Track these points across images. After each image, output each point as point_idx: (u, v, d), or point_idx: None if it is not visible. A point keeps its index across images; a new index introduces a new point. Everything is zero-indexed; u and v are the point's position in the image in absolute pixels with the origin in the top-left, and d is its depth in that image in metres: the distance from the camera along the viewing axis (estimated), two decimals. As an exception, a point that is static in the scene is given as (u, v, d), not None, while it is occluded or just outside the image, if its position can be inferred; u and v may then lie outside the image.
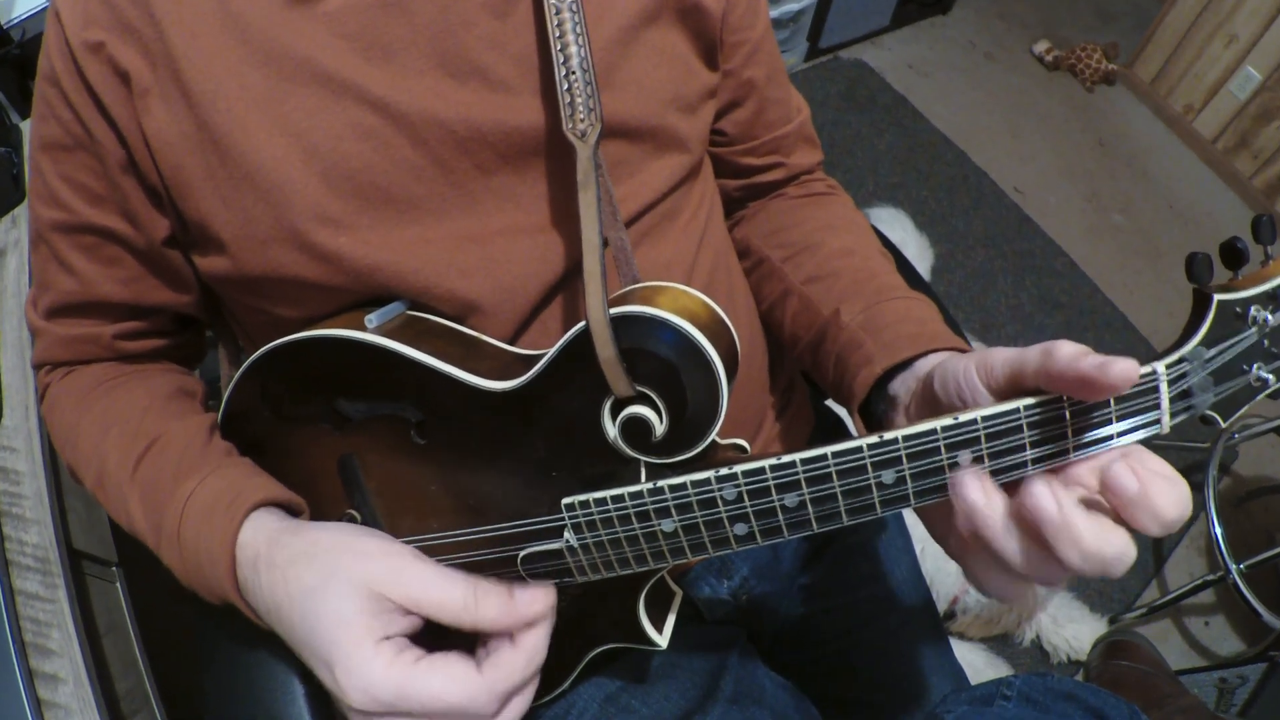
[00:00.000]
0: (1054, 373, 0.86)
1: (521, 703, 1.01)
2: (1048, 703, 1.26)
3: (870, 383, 1.22)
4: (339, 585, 0.98)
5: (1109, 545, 0.85)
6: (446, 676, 0.94)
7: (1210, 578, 3.18)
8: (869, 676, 1.63)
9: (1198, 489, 3.36)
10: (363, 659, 0.93)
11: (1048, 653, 3.32)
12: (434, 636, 1.01)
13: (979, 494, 0.89)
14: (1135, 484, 0.84)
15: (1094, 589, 3.49)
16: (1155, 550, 3.66)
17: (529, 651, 0.99)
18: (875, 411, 1.25)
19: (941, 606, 3.07)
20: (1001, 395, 0.96)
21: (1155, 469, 0.86)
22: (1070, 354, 0.85)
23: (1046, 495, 0.86)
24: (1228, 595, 3.52)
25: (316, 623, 0.97)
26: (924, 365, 1.17)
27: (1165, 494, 0.84)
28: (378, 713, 0.93)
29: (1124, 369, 0.82)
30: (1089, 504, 0.88)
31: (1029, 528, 0.88)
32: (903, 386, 1.19)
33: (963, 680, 1.67)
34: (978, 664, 3.15)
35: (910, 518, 1.79)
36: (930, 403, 1.08)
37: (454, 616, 0.97)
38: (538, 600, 1.01)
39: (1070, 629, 3.29)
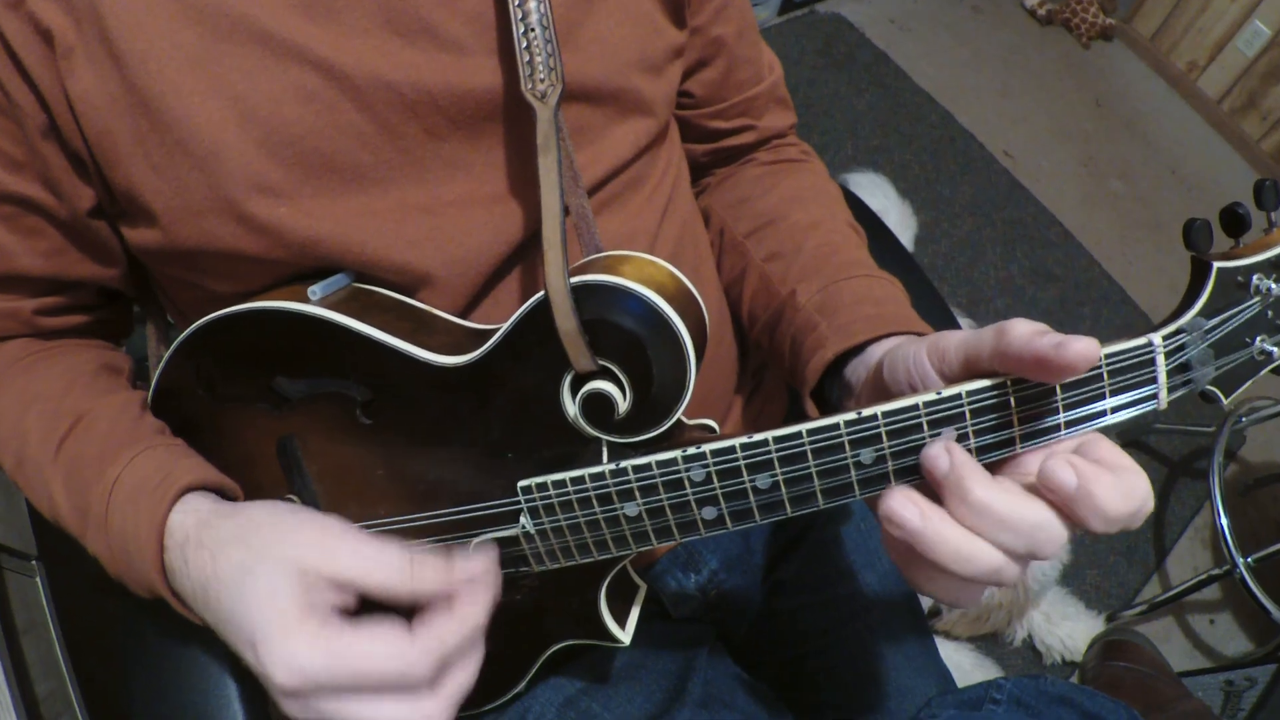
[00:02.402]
0: (1009, 354, 0.87)
1: (462, 677, 0.99)
2: (1040, 707, 1.27)
3: (822, 368, 1.23)
4: (268, 564, 0.98)
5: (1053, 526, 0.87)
6: (374, 639, 0.93)
7: (1215, 572, 3.19)
8: (848, 678, 1.64)
9: (1202, 476, 3.38)
10: (286, 633, 0.93)
11: (1040, 653, 3.34)
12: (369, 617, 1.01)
13: (914, 513, 0.89)
14: (1072, 480, 0.84)
15: (1090, 584, 3.50)
16: (1156, 543, 3.67)
17: (465, 617, 0.98)
18: (830, 399, 1.27)
19: (926, 603, 3.05)
20: (955, 382, 0.96)
21: (1107, 460, 0.87)
22: (1025, 333, 0.86)
23: (907, 505, 0.88)
24: (1234, 591, 3.54)
25: (242, 601, 0.97)
26: (876, 351, 1.18)
27: (1105, 491, 0.85)
28: (307, 691, 0.93)
29: (1082, 349, 0.82)
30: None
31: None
32: (854, 374, 1.20)
33: (949, 682, 1.68)
34: (965, 665, 3.15)
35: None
36: (881, 392, 1.09)
37: (390, 587, 0.97)
38: (479, 562, 1.00)
39: (1065, 627, 3.30)
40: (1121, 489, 0.85)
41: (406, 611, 0.97)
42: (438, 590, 0.97)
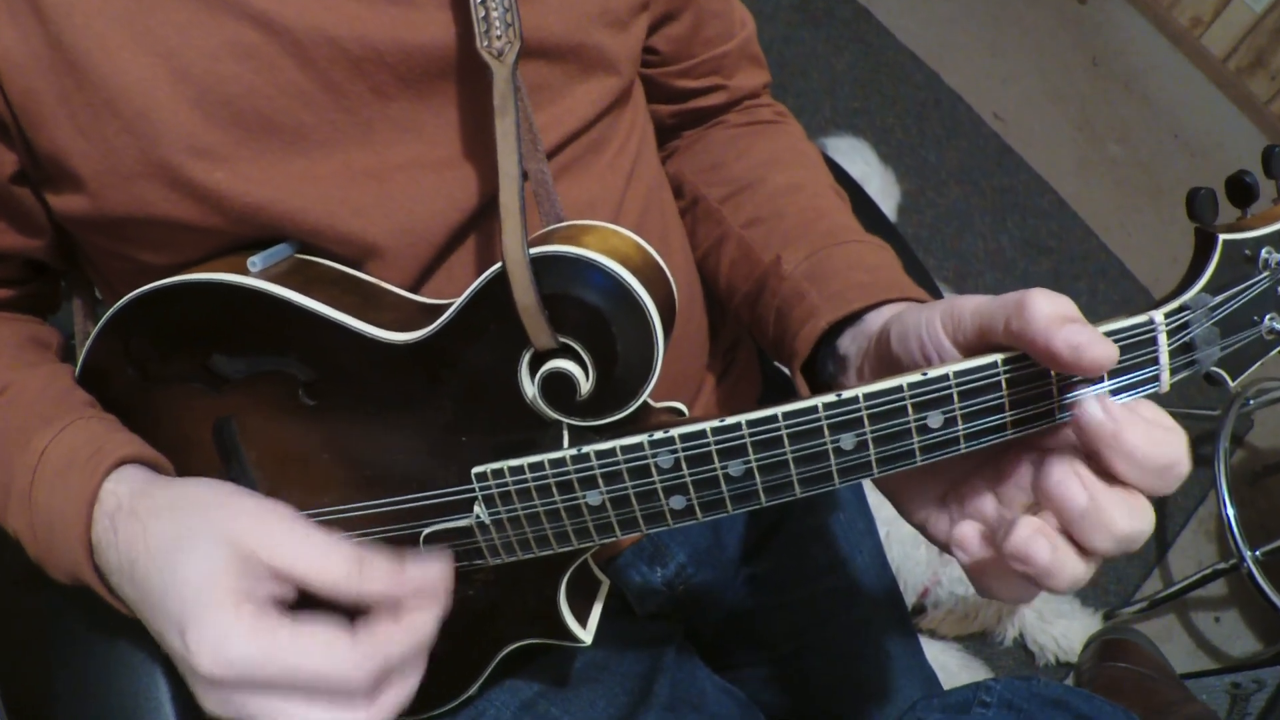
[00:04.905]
0: (1024, 337, 0.87)
1: (401, 692, 0.99)
2: (1033, 710, 1.28)
3: (814, 339, 1.23)
4: (204, 540, 0.97)
5: (1142, 520, 0.88)
6: (312, 639, 0.93)
7: (1221, 566, 3.21)
8: (826, 681, 1.65)
9: (1207, 463, 3.37)
10: (220, 618, 0.92)
11: (1033, 653, 3.35)
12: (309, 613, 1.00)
13: (1043, 547, 0.89)
14: (1108, 422, 0.86)
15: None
16: (1157, 536, 3.68)
17: (412, 628, 0.98)
18: (822, 373, 1.26)
19: (910, 599, 3.07)
20: (970, 352, 0.96)
21: (1148, 416, 0.89)
22: (1046, 317, 0.86)
23: (1074, 483, 0.88)
24: (1241, 587, 3.54)
25: (173, 578, 0.97)
26: (877, 319, 1.18)
27: (1162, 443, 0.87)
28: (230, 681, 0.92)
29: (1099, 357, 0.83)
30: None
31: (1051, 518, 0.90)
32: (853, 344, 1.20)
33: (935, 685, 1.69)
34: (952, 666, 3.15)
35: (874, 496, 1.81)
36: (887, 362, 1.09)
37: (333, 585, 0.96)
38: (431, 570, 1.00)
39: (1059, 626, 3.31)
40: (1154, 438, 0.87)
41: (348, 612, 0.97)
42: (385, 595, 0.97)
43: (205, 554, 0.96)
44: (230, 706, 0.94)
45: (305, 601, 0.98)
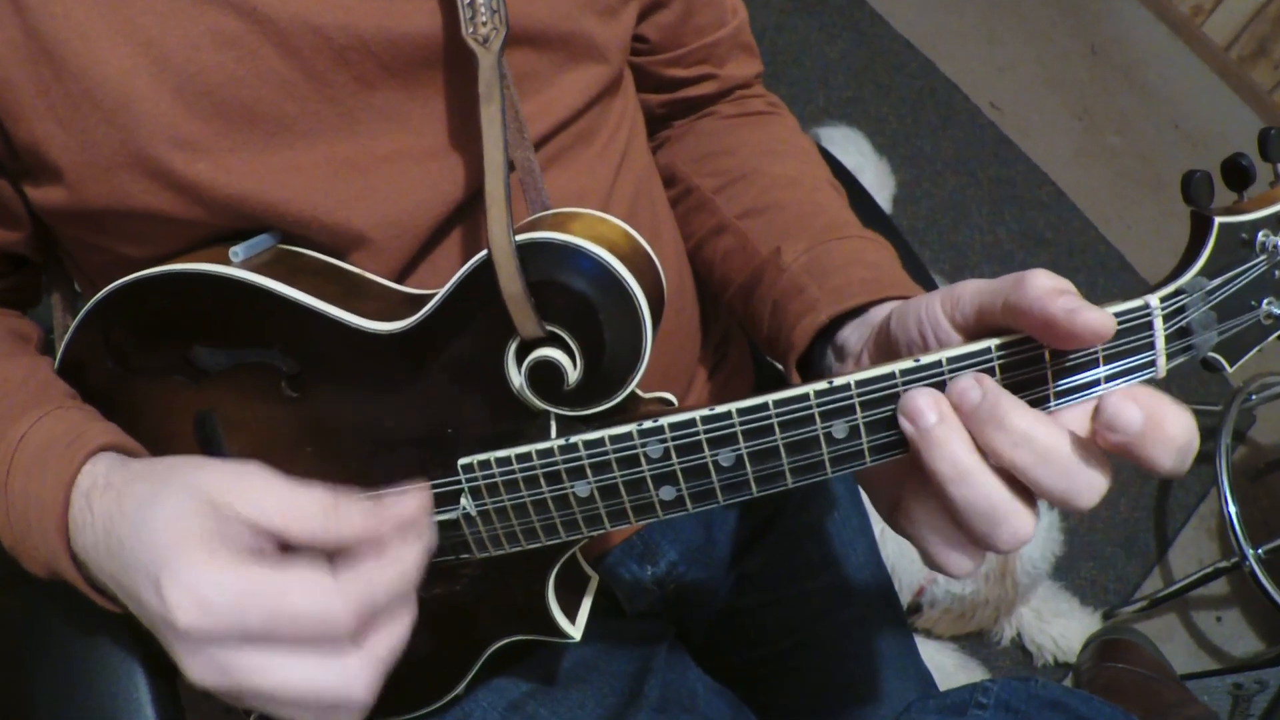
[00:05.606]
0: (1020, 308, 0.88)
1: (389, 636, 0.96)
2: (1031, 711, 1.28)
3: (813, 332, 1.23)
4: (175, 491, 0.96)
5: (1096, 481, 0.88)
6: (291, 577, 0.90)
7: (1223, 565, 3.20)
8: (819, 681, 1.66)
9: (1208, 459, 3.37)
10: (195, 562, 0.90)
11: (1030, 653, 3.35)
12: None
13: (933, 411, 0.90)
14: (1139, 414, 0.85)
15: (1085, 578, 3.51)
16: (1158, 533, 3.68)
17: (396, 561, 0.95)
18: (818, 367, 1.27)
19: (905, 598, 3.07)
20: (971, 335, 0.97)
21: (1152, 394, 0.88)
22: (1041, 290, 0.87)
23: (926, 399, 0.89)
24: (1243, 585, 3.54)
25: (145, 528, 0.95)
26: (879, 312, 1.18)
27: (1174, 418, 0.86)
28: (212, 634, 0.89)
29: (1093, 321, 0.83)
30: None
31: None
32: (854, 334, 1.20)
33: (930, 685, 1.70)
34: (948, 666, 3.16)
35: (868, 492, 1.82)
36: (886, 350, 1.09)
37: (310, 531, 0.94)
38: (409, 501, 0.97)
39: (1057, 625, 3.31)
40: (1181, 417, 0.87)
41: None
42: (364, 534, 0.95)
43: (176, 503, 0.94)
44: (214, 666, 0.91)
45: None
